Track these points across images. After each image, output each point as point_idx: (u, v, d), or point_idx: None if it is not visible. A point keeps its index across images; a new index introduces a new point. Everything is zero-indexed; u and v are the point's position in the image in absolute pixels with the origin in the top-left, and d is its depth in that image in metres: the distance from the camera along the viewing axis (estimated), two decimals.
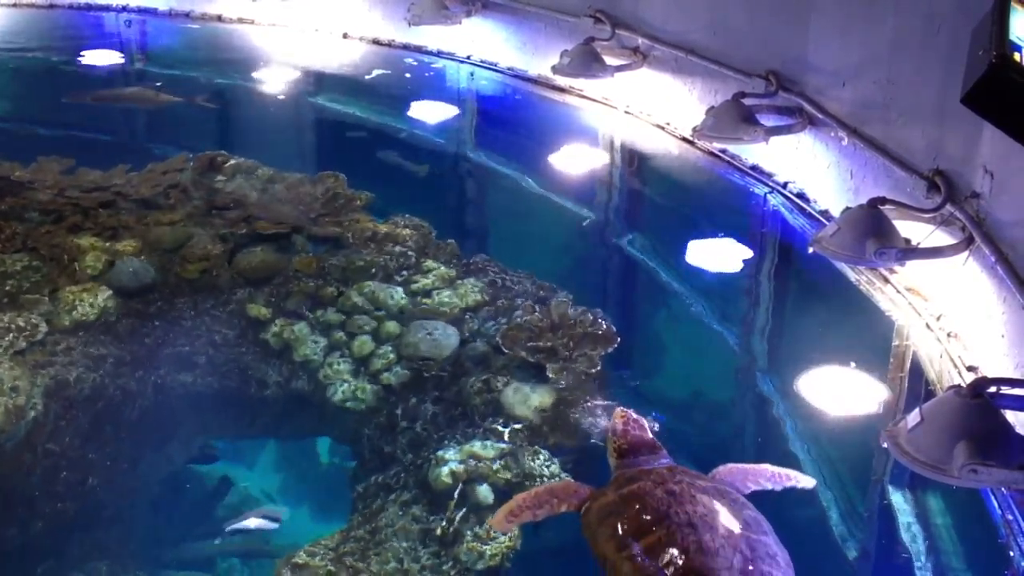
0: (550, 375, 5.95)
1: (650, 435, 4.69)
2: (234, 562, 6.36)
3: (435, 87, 10.82)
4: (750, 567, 3.88)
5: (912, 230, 5.74)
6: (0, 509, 5.51)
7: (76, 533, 5.68)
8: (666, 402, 5.99)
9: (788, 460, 5.29)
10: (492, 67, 10.73)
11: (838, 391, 5.62)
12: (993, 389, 4.01)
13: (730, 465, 4.54)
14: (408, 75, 11.18)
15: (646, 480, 4.26)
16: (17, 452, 5.64)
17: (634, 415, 4.77)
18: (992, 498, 4.60)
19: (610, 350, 6.20)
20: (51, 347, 6.18)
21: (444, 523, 5.00)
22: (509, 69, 10.55)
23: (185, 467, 6.58)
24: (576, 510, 4.31)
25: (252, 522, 5.83)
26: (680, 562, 3.85)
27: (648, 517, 4.03)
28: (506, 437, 5.53)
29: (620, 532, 4.02)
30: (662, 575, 3.84)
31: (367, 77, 11.27)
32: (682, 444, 5.30)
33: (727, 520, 4.04)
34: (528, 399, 5.80)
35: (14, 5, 13.59)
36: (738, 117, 7.27)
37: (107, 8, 13.41)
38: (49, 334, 6.25)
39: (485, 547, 4.84)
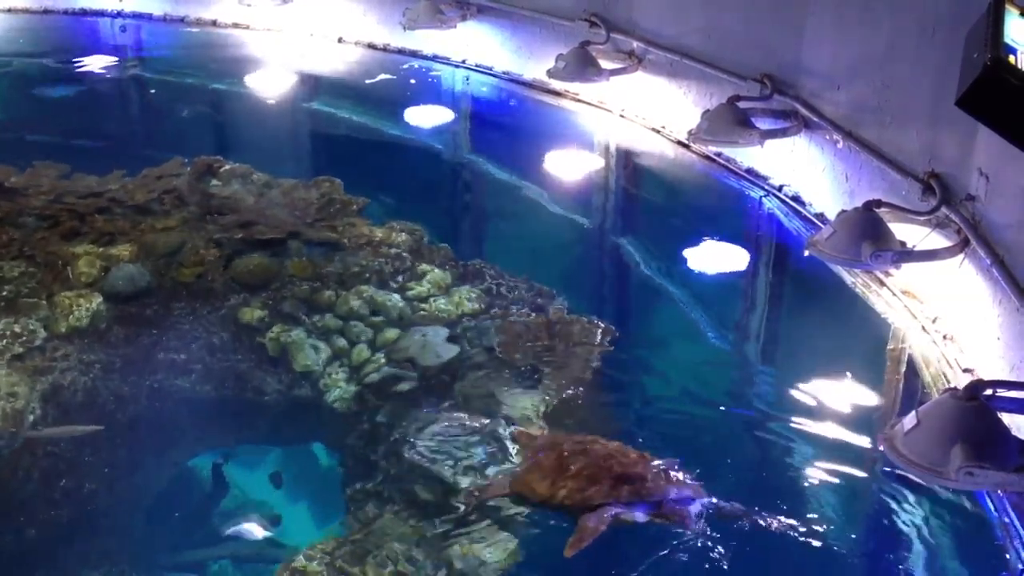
0: (546, 379, 5.95)
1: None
2: (229, 567, 6.34)
3: (430, 91, 10.82)
4: (670, 472, 4.85)
5: (907, 233, 5.75)
6: None
7: (72, 538, 5.67)
8: (661, 405, 5.99)
9: (783, 463, 5.30)
10: (487, 71, 10.74)
11: (834, 394, 5.63)
12: (989, 391, 4.02)
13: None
14: (403, 79, 11.19)
15: (555, 439, 5.19)
16: (14, 457, 5.63)
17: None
18: (988, 501, 4.61)
19: (605, 354, 6.20)
20: (49, 353, 6.18)
21: (441, 529, 5.00)
22: (504, 73, 10.56)
23: (182, 472, 6.56)
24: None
25: (248, 527, 5.82)
26: (612, 476, 4.72)
27: (570, 458, 4.90)
28: (502, 441, 5.52)
29: (551, 471, 4.86)
30: (594, 485, 4.69)
31: (363, 82, 11.27)
32: (678, 447, 5.30)
33: (633, 452, 4.99)
34: (522, 402, 5.79)
35: (8, 10, 13.58)
36: (733, 120, 7.29)
37: (102, 13, 13.40)
38: (47, 340, 6.25)
39: (484, 552, 4.84)
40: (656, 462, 4.98)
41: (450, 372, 6.15)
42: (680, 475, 4.91)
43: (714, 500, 4.77)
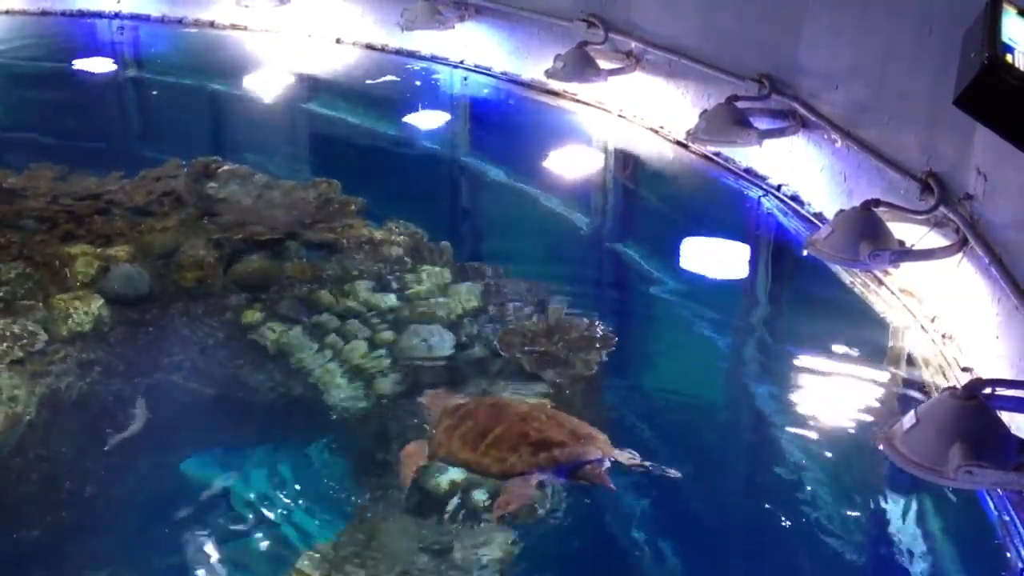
0: (546, 379, 5.95)
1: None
2: (229, 570, 6.33)
3: (428, 92, 10.83)
4: (582, 432, 4.96)
5: (906, 232, 5.76)
6: None
7: (70, 540, 5.66)
8: (662, 405, 5.99)
9: (781, 462, 5.29)
10: (485, 72, 10.75)
11: (833, 394, 5.63)
12: (988, 390, 4.02)
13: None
14: (402, 80, 11.19)
15: (470, 404, 5.31)
16: (12, 460, 5.63)
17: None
18: (988, 499, 4.61)
19: (606, 354, 6.20)
20: (50, 355, 6.17)
21: (442, 529, 5.00)
22: (503, 74, 10.56)
23: (181, 474, 6.56)
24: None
25: (248, 529, 5.82)
26: (530, 443, 4.84)
27: (488, 422, 5.04)
28: None
29: (471, 437, 4.97)
30: (514, 453, 4.83)
31: (361, 82, 11.27)
32: (677, 446, 5.30)
33: (546, 412, 5.19)
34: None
35: (6, 12, 13.58)
36: (731, 120, 7.30)
37: (100, 15, 13.39)
38: (47, 343, 6.24)
39: (484, 553, 4.84)
40: (568, 418, 5.12)
41: (449, 372, 6.15)
42: (591, 433, 4.99)
43: (628, 456, 4.91)
